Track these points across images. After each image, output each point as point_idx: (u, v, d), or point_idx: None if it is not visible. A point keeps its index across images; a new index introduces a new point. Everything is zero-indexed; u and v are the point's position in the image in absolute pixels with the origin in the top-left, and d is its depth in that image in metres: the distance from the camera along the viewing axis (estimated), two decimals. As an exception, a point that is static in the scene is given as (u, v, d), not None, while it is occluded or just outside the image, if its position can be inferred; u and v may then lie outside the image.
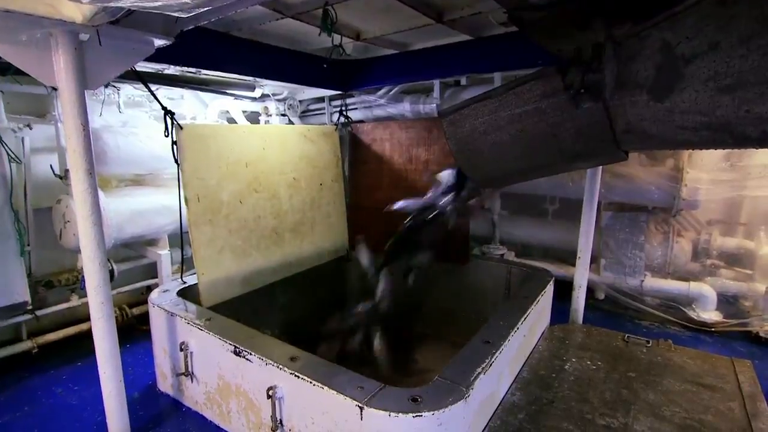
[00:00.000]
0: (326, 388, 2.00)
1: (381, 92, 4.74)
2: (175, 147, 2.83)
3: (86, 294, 2.26)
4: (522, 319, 2.72)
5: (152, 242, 4.03)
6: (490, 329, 2.59)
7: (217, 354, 2.50)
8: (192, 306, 2.87)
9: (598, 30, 1.93)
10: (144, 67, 3.22)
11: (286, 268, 3.67)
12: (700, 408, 2.53)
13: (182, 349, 2.69)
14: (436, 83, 4.43)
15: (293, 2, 2.79)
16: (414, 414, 1.83)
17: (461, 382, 2.05)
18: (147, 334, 3.16)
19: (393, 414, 1.83)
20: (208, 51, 3.30)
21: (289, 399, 2.19)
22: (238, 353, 2.37)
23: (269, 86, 4.58)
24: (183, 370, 2.73)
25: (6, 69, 3.04)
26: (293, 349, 2.34)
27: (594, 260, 3.98)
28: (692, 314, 4.09)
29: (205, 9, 1.71)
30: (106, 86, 3.91)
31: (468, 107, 2.37)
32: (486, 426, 2.34)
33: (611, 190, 4.26)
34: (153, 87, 3.11)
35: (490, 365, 2.24)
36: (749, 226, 4.33)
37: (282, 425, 2.25)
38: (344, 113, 4.22)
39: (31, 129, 3.62)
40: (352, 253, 4.30)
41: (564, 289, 3.81)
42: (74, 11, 1.85)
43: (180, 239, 3.23)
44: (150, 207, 3.79)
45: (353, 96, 4.95)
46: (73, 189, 2.12)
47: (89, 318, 2.28)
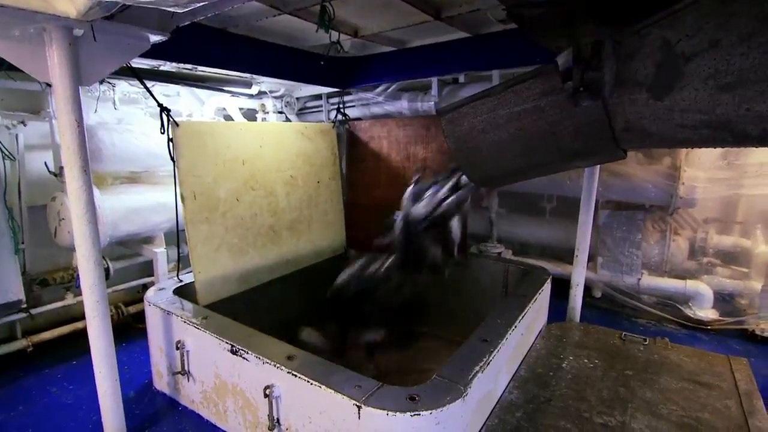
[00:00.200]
0: (323, 387, 2.00)
1: (379, 90, 4.72)
2: (171, 144, 2.81)
3: (81, 292, 2.23)
4: (519, 318, 2.72)
5: (148, 240, 4.01)
6: (488, 328, 2.58)
7: (214, 353, 2.49)
8: (188, 304, 2.86)
9: (598, 28, 1.92)
10: (140, 64, 3.19)
11: (283, 267, 3.66)
12: (697, 406, 2.54)
13: (178, 348, 2.67)
14: (434, 81, 4.41)
15: (290, -2, 2.78)
16: (412, 413, 1.83)
17: (459, 381, 2.04)
18: (143, 333, 3.14)
19: (391, 413, 1.83)
20: (205, 47, 3.27)
21: (286, 398, 2.18)
22: (235, 352, 2.36)
23: (266, 83, 4.56)
24: (179, 369, 2.71)
25: (-1, 65, 3.00)
26: (290, 348, 2.33)
27: (591, 258, 3.98)
28: (689, 312, 4.10)
29: (201, 4, 1.69)
30: (101, 83, 3.87)
31: (466, 105, 2.35)
32: (484, 425, 2.34)
33: (608, 189, 4.26)
34: (149, 84, 3.08)
35: (488, 364, 2.24)
36: (745, 225, 4.34)
37: (279, 424, 2.24)
38: (342, 111, 4.20)
39: (26, 126, 3.59)
40: (350, 251, 4.30)
41: (561, 288, 3.81)
42: (68, 6, 1.82)
43: (176, 237, 3.21)
44: (146, 204, 3.77)
45: (351, 93, 4.94)
46: (68, 186, 2.10)
47: (84, 316, 2.26)
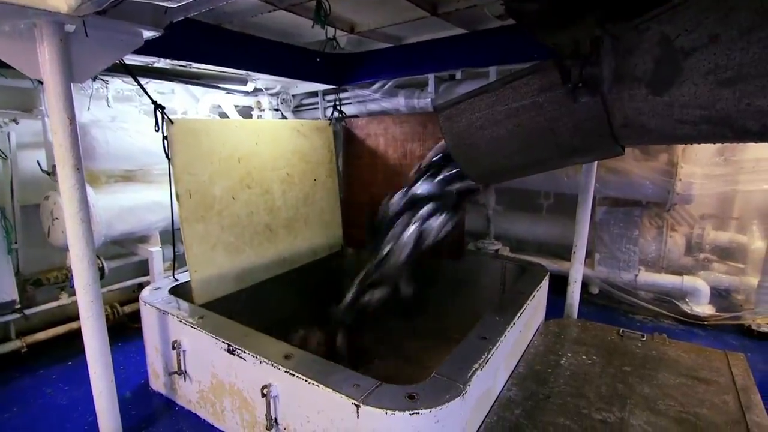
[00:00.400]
0: (321, 386, 1.98)
1: (375, 87, 4.68)
2: (166, 142, 2.77)
3: (75, 292, 2.21)
4: (518, 315, 2.71)
5: (143, 239, 3.98)
6: (486, 325, 2.57)
7: (211, 352, 2.47)
8: (184, 304, 2.83)
9: (596, 23, 1.90)
10: (133, 60, 3.16)
11: (280, 265, 3.63)
12: (695, 401, 2.54)
13: (175, 348, 2.64)
14: (431, 77, 4.39)
15: (286, -7, 2.75)
16: (411, 411, 1.82)
17: (458, 379, 2.03)
18: (139, 332, 3.11)
19: (390, 412, 1.81)
20: (199, 43, 3.23)
21: (284, 397, 2.17)
22: (232, 351, 2.34)
23: (262, 80, 4.51)
24: (175, 369, 2.69)
25: (-10, 62, 2.96)
26: (288, 347, 2.31)
27: (588, 255, 3.99)
28: (685, 308, 4.11)
29: (195, -1, 1.66)
30: (94, 80, 3.82)
31: (464, 102, 2.33)
32: (482, 422, 2.33)
33: (606, 185, 4.26)
34: (143, 81, 3.04)
35: (487, 361, 2.23)
36: (741, 221, 4.36)
37: (277, 424, 2.22)
38: (338, 108, 4.17)
39: (18, 124, 3.54)
40: (347, 249, 4.28)
41: (558, 284, 3.81)
42: (59, 1, 1.78)
43: (172, 236, 3.18)
44: (140, 203, 3.73)
45: (347, 90, 4.90)
46: (60, 185, 2.07)
47: (79, 316, 2.23)
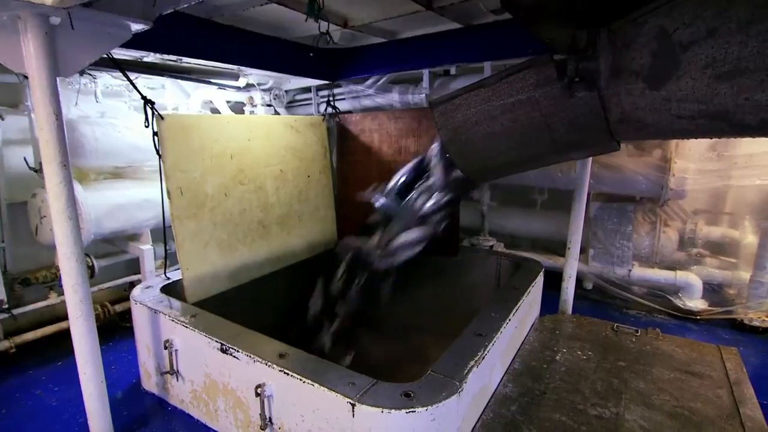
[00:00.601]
0: (316, 385, 1.96)
1: (369, 82, 4.65)
2: (157, 138, 2.72)
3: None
4: (513, 311, 2.71)
5: (134, 237, 3.92)
6: (482, 322, 2.56)
7: (203, 351, 2.43)
8: (176, 302, 2.79)
9: (593, 17, 1.88)
10: (121, 54, 3.08)
11: (274, 262, 3.59)
12: (689, 396, 2.55)
13: (167, 347, 2.60)
14: (426, 73, 4.36)
15: (278, -14, 2.69)
16: (407, 410, 1.80)
17: (454, 376, 2.02)
18: (130, 332, 3.06)
19: (385, 410, 1.80)
20: (189, 37, 3.17)
21: (279, 396, 2.14)
22: (225, 350, 2.31)
23: (254, 75, 4.45)
24: (168, 369, 2.65)
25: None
26: (282, 346, 2.28)
27: (582, 250, 3.99)
28: (678, 303, 4.14)
29: (184, -10, 1.62)
30: (82, 74, 3.74)
31: (460, 97, 2.31)
32: (479, 419, 2.32)
33: (600, 181, 4.26)
34: (132, 75, 2.99)
35: (483, 358, 2.21)
36: (734, 216, 4.39)
37: (271, 423, 2.20)
38: (332, 103, 4.12)
39: (3, 120, 3.46)
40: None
41: (552, 280, 3.81)
42: (43, -8, 1.73)
43: (163, 234, 3.13)
44: (130, 201, 3.67)
45: (341, 86, 4.85)
46: (47, 182, 2.02)
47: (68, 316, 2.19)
